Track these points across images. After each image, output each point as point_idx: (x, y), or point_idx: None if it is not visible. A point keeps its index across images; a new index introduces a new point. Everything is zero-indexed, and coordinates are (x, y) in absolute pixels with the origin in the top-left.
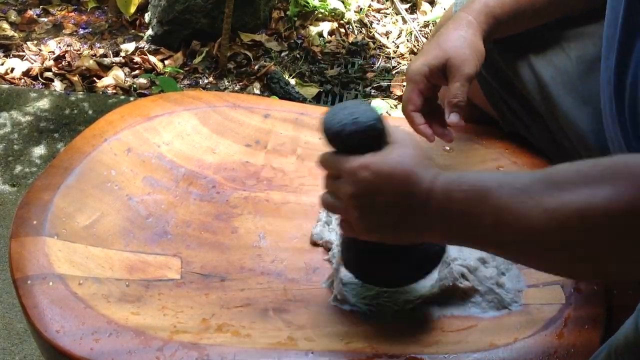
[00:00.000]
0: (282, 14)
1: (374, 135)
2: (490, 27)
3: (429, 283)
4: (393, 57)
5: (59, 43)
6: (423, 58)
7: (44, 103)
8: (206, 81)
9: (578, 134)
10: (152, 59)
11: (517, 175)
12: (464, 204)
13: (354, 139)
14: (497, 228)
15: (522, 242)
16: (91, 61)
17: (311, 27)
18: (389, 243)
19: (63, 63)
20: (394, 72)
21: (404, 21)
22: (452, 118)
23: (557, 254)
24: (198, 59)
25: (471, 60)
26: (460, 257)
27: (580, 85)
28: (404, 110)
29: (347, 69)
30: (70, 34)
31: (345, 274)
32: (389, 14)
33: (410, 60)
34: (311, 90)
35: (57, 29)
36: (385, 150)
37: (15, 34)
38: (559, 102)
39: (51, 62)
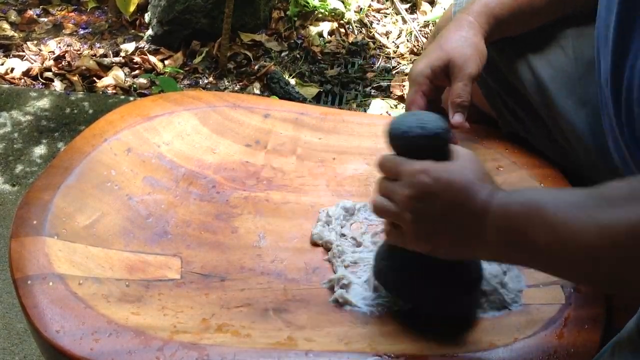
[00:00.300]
0: (282, 14)
1: (438, 145)
2: (491, 28)
3: None
4: (393, 57)
5: (59, 43)
6: (425, 60)
7: (44, 103)
8: (206, 81)
9: (576, 134)
10: (152, 59)
11: (571, 191)
12: (520, 218)
13: (418, 143)
14: (552, 243)
15: (575, 258)
16: (91, 61)
17: (311, 27)
18: (437, 255)
19: (63, 63)
20: (394, 72)
21: (404, 21)
22: (457, 118)
23: (608, 269)
24: (198, 59)
25: (473, 60)
26: None
27: (579, 86)
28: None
29: (347, 69)
30: (70, 34)
31: (345, 274)
32: (389, 14)
33: (410, 60)
34: (311, 90)
35: (57, 29)
36: (449, 162)
37: (15, 34)
38: (557, 104)
39: (51, 62)
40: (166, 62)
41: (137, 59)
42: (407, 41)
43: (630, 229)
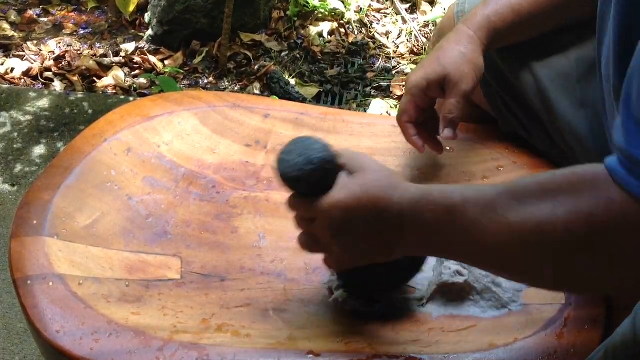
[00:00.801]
0: (282, 14)
1: (329, 168)
2: (490, 42)
3: (425, 282)
4: (393, 57)
5: (59, 43)
6: (422, 71)
7: (44, 103)
8: (206, 81)
9: (576, 137)
10: (152, 59)
11: (482, 189)
12: (433, 223)
13: (313, 178)
14: (466, 244)
15: (489, 257)
16: (91, 61)
17: (311, 27)
18: (370, 262)
19: (63, 63)
20: (394, 72)
21: (404, 21)
22: (447, 133)
23: (521, 267)
24: (198, 59)
25: (469, 77)
26: None
27: (579, 88)
28: (399, 120)
29: (347, 69)
30: (70, 34)
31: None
32: (389, 14)
33: (411, 60)
34: (311, 90)
35: (57, 29)
36: (349, 181)
37: (15, 34)
38: (556, 107)
39: (51, 62)
40: (166, 62)
41: (137, 59)
42: (407, 41)
43: (538, 228)
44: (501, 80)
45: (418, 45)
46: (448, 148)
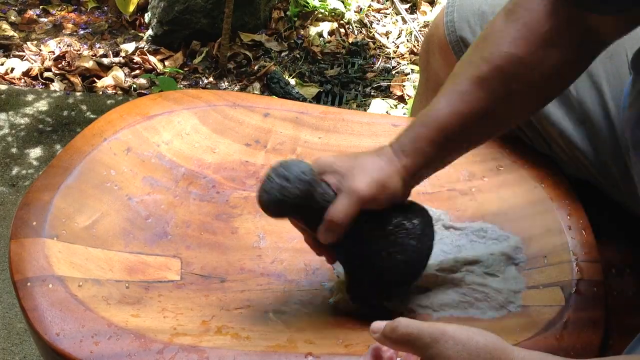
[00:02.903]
0: (282, 14)
1: (310, 181)
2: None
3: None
4: (393, 57)
5: (59, 43)
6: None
7: (44, 103)
8: (206, 81)
9: (576, 151)
10: (152, 59)
11: None
12: None
13: (294, 196)
14: None
15: None
16: (91, 61)
17: (311, 27)
18: None
19: (63, 63)
20: (394, 72)
21: (404, 21)
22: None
23: None
24: (198, 59)
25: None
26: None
27: (578, 105)
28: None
29: (347, 69)
30: (70, 34)
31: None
32: (389, 14)
33: (410, 60)
34: (311, 90)
35: (57, 29)
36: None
37: (15, 34)
38: (558, 125)
39: (51, 62)
40: (166, 62)
41: (137, 59)
42: (407, 41)
43: None
44: None
45: (418, 45)
46: None
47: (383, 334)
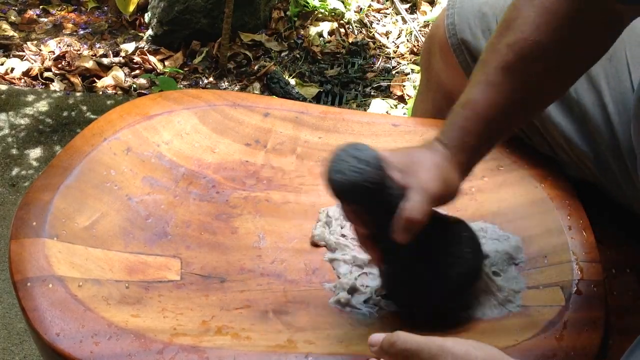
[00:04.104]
0: (282, 14)
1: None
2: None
3: None
4: (393, 57)
5: (59, 43)
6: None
7: (44, 103)
8: (206, 81)
9: (577, 151)
10: (152, 59)
11: None
12: None
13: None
14: None
15: None
16: (91, 61)
17: (311, 27)
18: None
19: (63, 63)
20: (394, 72)
21: (404, 21)
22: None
23: None
24: (198, 59)
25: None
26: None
27: (577, 105)
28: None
29: (347, 69)
30: (70, 34)
31: (350, 279)
32: (389, 14)
33: (411, 60)
34: (311, 90)
35: (57, 29)
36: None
37: (15, 34)
38: (558, 125)
39: (51, 62)
40: (166, 62)
41: (137, 59)
42: (407, 41)
43: None
44: None
45: (418, 45)
46: None
47: (381, 348)
